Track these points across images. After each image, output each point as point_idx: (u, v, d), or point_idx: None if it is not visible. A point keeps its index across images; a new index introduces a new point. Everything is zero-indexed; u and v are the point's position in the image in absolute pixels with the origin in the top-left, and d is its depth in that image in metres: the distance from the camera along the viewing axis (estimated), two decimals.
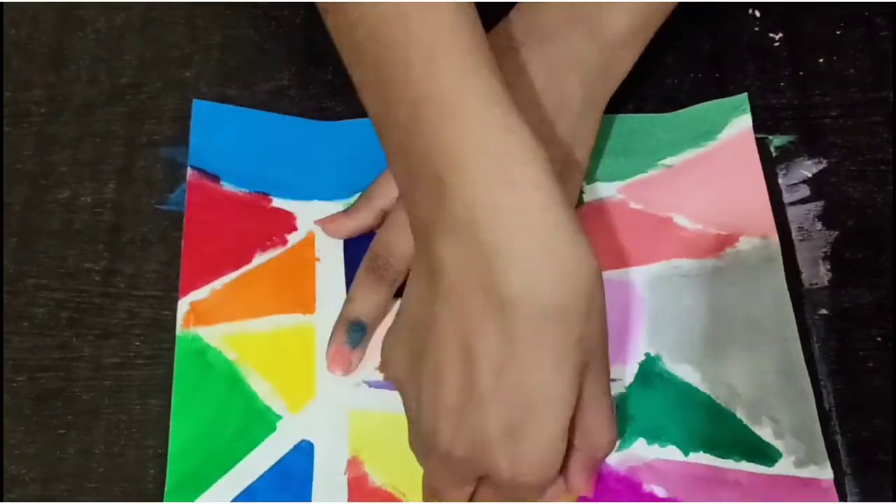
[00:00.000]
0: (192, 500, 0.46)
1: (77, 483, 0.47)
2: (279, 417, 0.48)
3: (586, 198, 0.52)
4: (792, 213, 0.51)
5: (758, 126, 0.53)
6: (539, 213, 0.37)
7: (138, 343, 0.50)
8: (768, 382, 0.47)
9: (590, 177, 0.52)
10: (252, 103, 0.55)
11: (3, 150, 0.55)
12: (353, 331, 0.48)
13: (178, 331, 0.49)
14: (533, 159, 0.37)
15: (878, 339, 0.48)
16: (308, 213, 0.52)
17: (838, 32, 0.56)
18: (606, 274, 0.48)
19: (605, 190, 0.52)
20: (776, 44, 0.56)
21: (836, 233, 0.51)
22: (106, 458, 0.47)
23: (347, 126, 0.54)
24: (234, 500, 0.46)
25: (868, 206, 0.51)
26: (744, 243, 0.50)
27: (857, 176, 0.52)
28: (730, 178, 0.52)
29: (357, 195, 0.52)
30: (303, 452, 0.47)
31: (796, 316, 0.48)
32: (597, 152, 0.53)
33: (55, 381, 0.49)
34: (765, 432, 0.46)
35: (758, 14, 0.57)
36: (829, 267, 0.50)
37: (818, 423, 0.46)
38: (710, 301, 0.49)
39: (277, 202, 0.53)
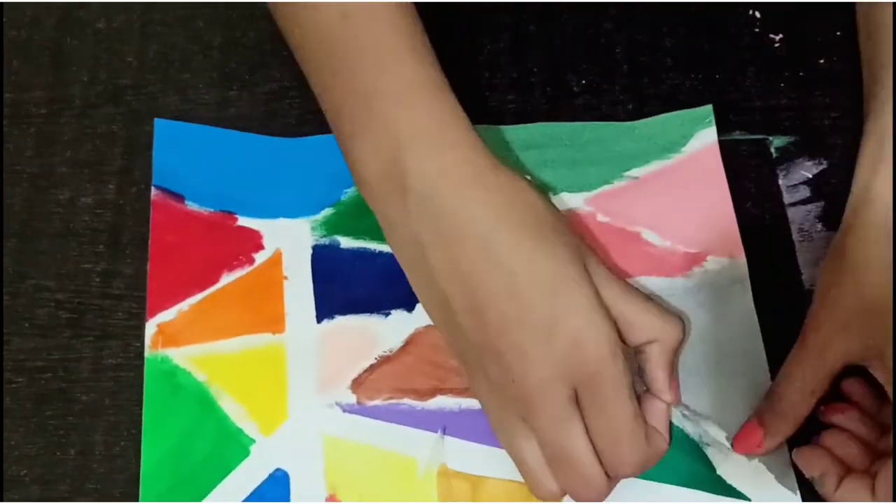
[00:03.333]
0: None
1: (77, 484, 0.47)
2: (252, 441, 0.47)
3: None
4: (792, 213, 0.51)
5: (758, 127, 0.53)
6: (471, 166, 0.43)
7: (138, 344, 0.50)
8: (736, 413, 0.47)
9: (555, 187, 0.52)
10: (252, 104, 0.56)
11: (3, 151, 0.55)
12: None
13: (147, 353, 0.49)
14: (465, 138, 0.43)
15: None
16: (274, 231, 0.52)
17: (838, 33, 0.56)
18: None
19: (571, 201, 0.52)
20: (776, 45, 0.56)
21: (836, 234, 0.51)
22: (106, 459, 0.47)
23: (311, 142, 0.54)
24: None
25: None
26: (711, 262, 0.50)
27: None
28: (697, 194, 0.52)
29: (324, 211, 0.52)
30: (278, 482, 0.46)
31: (797, 316, 0.48)
32: (562, 160, 0.53)
33: (55, 382, 0.49)
34: (731, 471, 0.46)
35: (758, 15, 0.57)
36: None
37: (788, 457, 0.46)
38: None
39: (243, 220, 0.52)
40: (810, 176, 0.52)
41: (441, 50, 0.45)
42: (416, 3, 0.46)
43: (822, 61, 0.55)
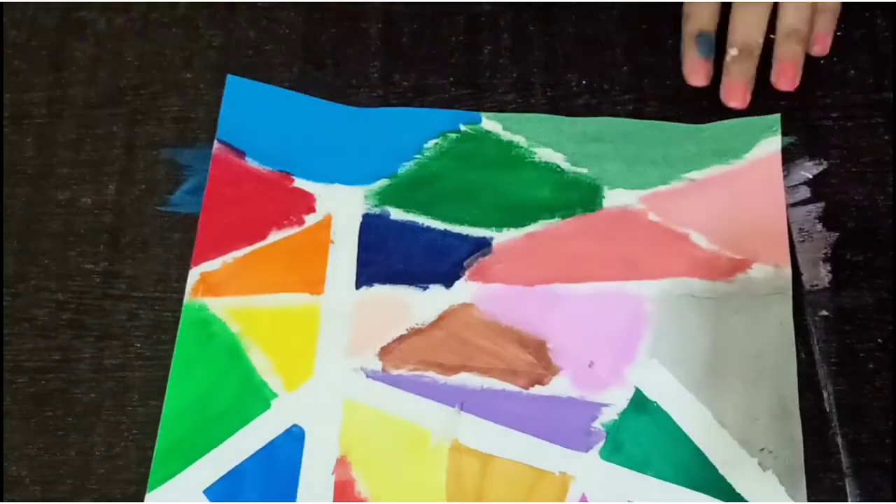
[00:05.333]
0: (179, 471, 0.46)
1: (77, 484, 0.47)
2: (274, 395, 0.48)
3: (607, 203, 0.52)
4: (792, 214, 0.51)
5: None
6: None
7: (138, 345, 0.50)
8: (759, 425, 0.47)
9: (612, 182, 0.53)
10: None
11: (3, 152, 0.55)
12: (701, 43, 0.53)
13: (186, 299, 0.50)
14: None
15: (879, 340, 0.48)
16: (328, 195, 0.53)
17: (839, 33, 0.56)
18: (615, 284, 0.49)
19: (626, 197, 0.52)
20: None
21: (837, 234, 0.51)
22: (106, 460, 0.47)
23: (376, 113, 0.55)
24: (219, 480, 0.46)
25: (868, 208, 0.51)
26: (756, 270, 0.50)
27: (858, 177, 0.52)
28: (751, 201, 0.52)
29: (379, 181, 0.53)
30: (293, 438, 0.47)
31: (797, 317, 0.48)
32: (623, 157, 0.53)
33: (55, 383, 0.49)
34: (744, 482, 0.46)
35: None
36: (829, 268, 0.50)
37: (803, 473, 0.46)
38: (714, 326, 0.49)
39: (299, 182, 0.53)
40: (810, 176, 0.52)
41: (441, 50, 0.45)
42: (416, 4, 0.46)
43: (822, 62, 0.55)
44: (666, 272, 0.50)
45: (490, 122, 0.54)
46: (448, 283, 0.50)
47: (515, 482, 0.46)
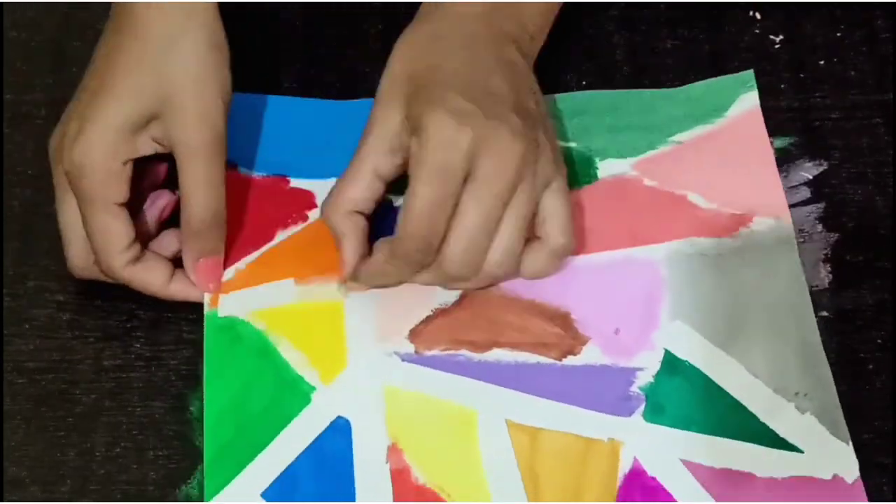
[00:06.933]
0: (233, 477, 0.46)
1: (77, 485, 0.47)
2: (313, 388, 0.48)
3: (601, 174, 0.53)
4: (793, 214, 0.51)
5: None
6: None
7: (139, 345, 0.50)
8: (790, 371, 0.47)
9: (602, 153, 0.53)
10: None
11: (3, 153, 0.55)
12: None
13: (206, 310, 0.50)
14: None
15: (879, 341, 0.48)
16: (327, 190, 0.52)
17: (839, 34, 0.56)
18: (625, 252, 0.50)
19: (618, 166, 0.53)
20: (776, 45, 0.56)
21: (837, 235, 0.51)
22: (106, 461, 0.47)
23: (359, 105, 0.55)
24: (274, 482, 0.46)
25: (868, 208, 0.51)
26: (757, 223, 0.51)
27: (858, 178, 0.52)
28: (741, 157, 0.53)
29: None
30: (340, 430, 0.47)
31: None
32: (606, 127, 0.54)
33: (56, 383, 0.49)
34: (786, 427, 0.46)
35: (758, 16, 0.57)
36: (829, 269, 0.50)
37: (840, 412, 0.46)
38: (728, 282, 0.49)
39: (295, 182, 0.53)
40: (810, 177, 0.52)
41: None
42: (416, 4, 0.46)
43: (822, 62, 0.55)
44: (671, 234, 0.51)
45: None
46: None
47: (567, 453, 0.46)
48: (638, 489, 0.45)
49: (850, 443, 0.45)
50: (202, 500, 0.46)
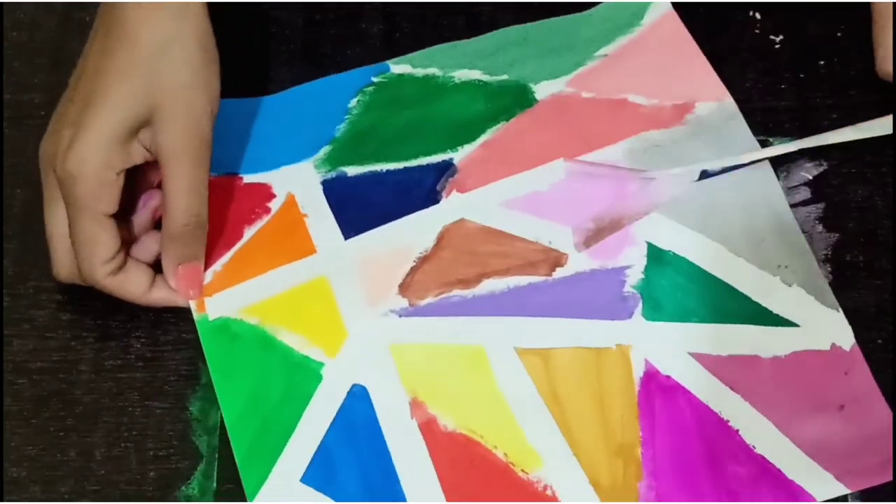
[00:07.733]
0: (269, 470, 0.46)
1: (77, 485, 0.47)
2: (321, 364, 0.48)
3: (538, 96, 0.54)
4: (793, 215, 0.51)
5: (758, 128, 0.53)
6: None
7: (139, 345, 0.50)
8: (767, 245, 0.49)
9: (535, 79, 0.55)
10: None
11: (3, 152, 0.55)
12: None
13: (196, 316, 0.50)
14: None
15: (879, 341, 0.48)
16: (281, 179, 0.53)
17: (839, 34, 0.56)
18: (583, 158, 0.52)
19: (554, 86, 0.55)
20: (777, 46, 0.56)
21: (837, 235, 0.51)
22: (106, 461, 0.47)
23: (292, 94, 0.56)
24: (310, 466, 0.46)
25: (868, 209, 0.51)
26: (701, 108, 0.53)
27: (858, 178, 0.52)
28: (669, 55, 0.55)
29: (323, 149, 0.54)
30: (358, 398, 0.47)
31: None
32: (531, 56, 0.56)
33: (56, 384, 0.49)
34: (778, 303, 0.47)
35: (758, 16, 0.57)
36: (829, 269, 0.50)
37: (824, 279, 0.48)
38: (690, 166, 0.51)
39: (248, 178, 0.54)
40: (810, 177, 0.52)
41: None
42: (416, 4, 0.46)
43: (822, 63, 0.55)
44: (623, 134, 0.53)
45: (399, 66, 0.56)
46: (430, 205, 0.52)
47: (581, 369, 0.47)
48: (657, 392, 0.46)
49: (840, 310, 0.47)
50: (202, 501, 0.46)
